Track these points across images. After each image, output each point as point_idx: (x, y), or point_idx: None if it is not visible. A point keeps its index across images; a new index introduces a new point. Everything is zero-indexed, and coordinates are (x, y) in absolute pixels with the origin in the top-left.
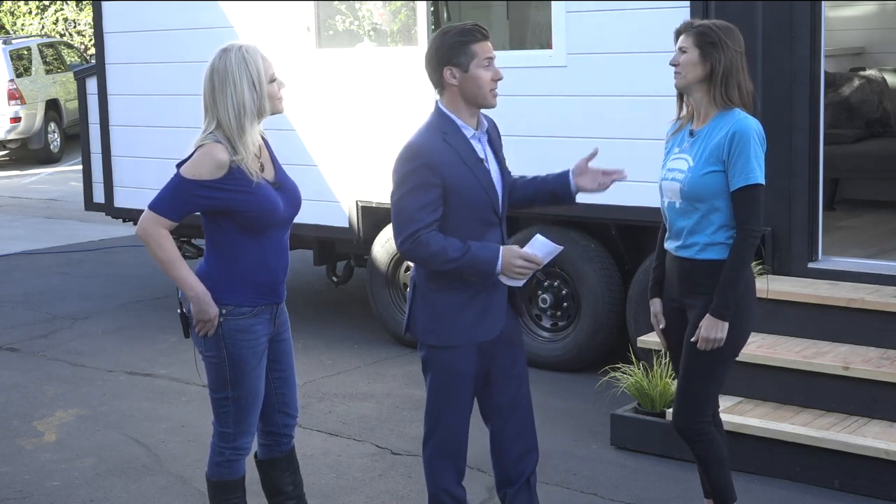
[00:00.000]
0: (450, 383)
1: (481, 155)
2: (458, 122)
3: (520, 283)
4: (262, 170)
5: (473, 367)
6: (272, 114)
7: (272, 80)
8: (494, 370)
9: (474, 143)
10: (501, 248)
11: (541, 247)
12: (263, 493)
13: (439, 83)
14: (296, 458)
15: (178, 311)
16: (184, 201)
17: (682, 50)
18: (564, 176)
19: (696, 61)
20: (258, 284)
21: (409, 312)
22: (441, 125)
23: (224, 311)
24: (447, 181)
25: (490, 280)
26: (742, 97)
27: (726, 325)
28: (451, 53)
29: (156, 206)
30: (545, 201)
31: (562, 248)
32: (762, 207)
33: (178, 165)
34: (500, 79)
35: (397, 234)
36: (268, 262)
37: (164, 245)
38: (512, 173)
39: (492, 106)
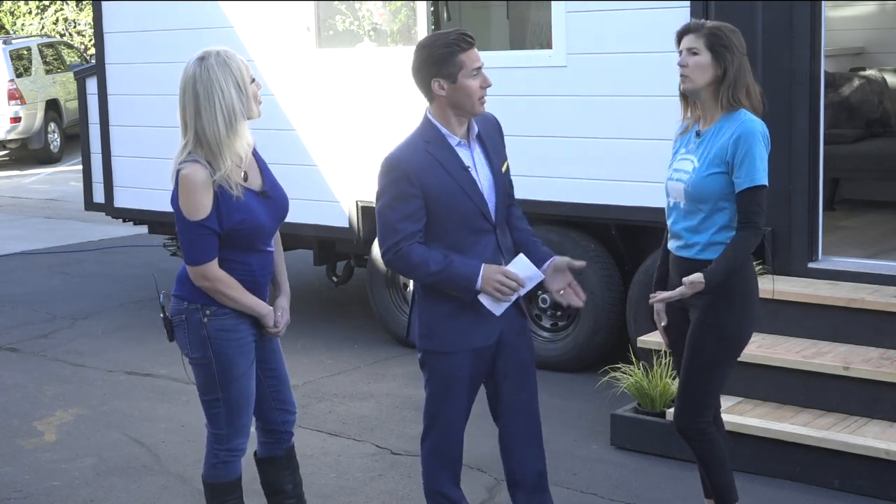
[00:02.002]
0: (445, 387)
1: (467, 163)
2: (444, 130)
3: (499, 310)
4: (246, 179)
5: (468, 371)
6: (250, 118)
7: (252, 81)
8: (497, 374)
9: (460, 150)
10: (483, 264)
11: (523, 268)
12: (263, 492)
13: (428, 94)
14: (295, 457)
15: (161, 315)
16: (206, 238)
17: (692, 51)
18: (544, 259)
19: (709, 64)
20: None
21: (409, 317)
22: (424, 134)
23: (208, 312)
24: (427, 190)
25: (470, 296)
26: (751, 100)
27: (701, 287)
28: (438, 65)
29: (190, 259)
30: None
31: (542, 276)
32: (765, 208)
33: (173, 202)
34: (488, 86)
35: (381, 244)
36: (253, 272)
37: (228, 282)
38: (513, 198)
39: (479, 114)
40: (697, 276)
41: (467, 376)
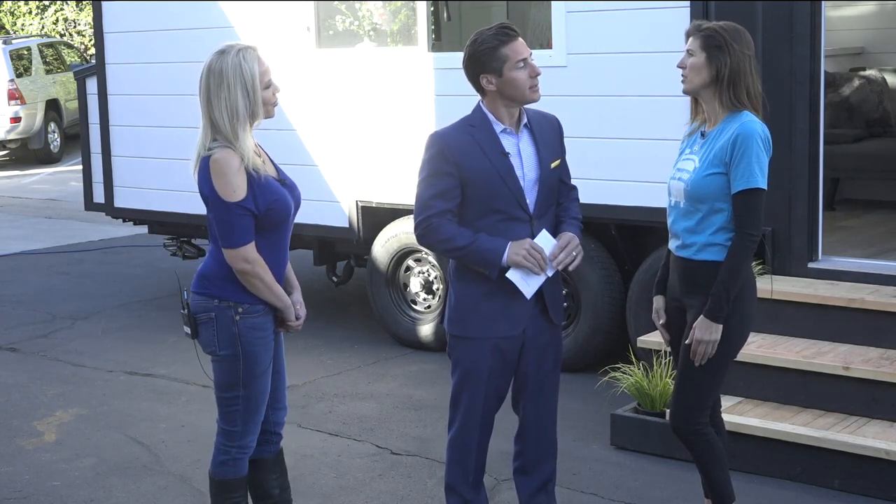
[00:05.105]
0: (465, 376)
1: (508, 149)
2: (491, 117)
3: (529, 289)
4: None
5: (488, 362)
6: (265, 118)
7: (267, 87)
8: (519, 376)
9: (504, 137)
10: (510, 241)
11: (545, 242)
12: (250, 494)
13: (479, 89)
14: (283, 461)
15: (184, 311)
16: (245, 219)
17: (689, 53)
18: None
19: (702, 65)
20: None
21: (443, 306)
22: (471, 119)
23: (240, 310)
24: (462, 170)
25: (495, 272)
26: (752, 101)
27: (720, 327)
28: (483, 61)
29: (230, 241)
30: None
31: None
32: (762, 212)
33: (205, 188)
34: (537, 75)
35: (414, 218)
36: (278, 264)
37: (265, 266)
38: (570, 184)
39: (534, 101)
40: (706, 324)
41: (486, 368)
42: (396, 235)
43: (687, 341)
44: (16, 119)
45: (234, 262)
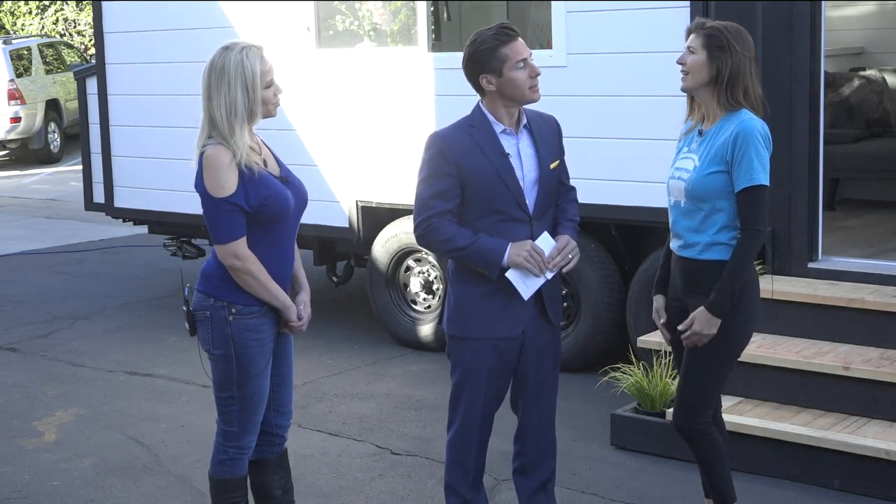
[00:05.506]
0: (465, 377)
1: (508, 150)
2: (491, 117)
3: (528, 291)
4: (266, 165)
5: (487, 363)
6: (265, 117)
7: (268, 86)
8: (518, 377)
9: (504, 138)
10: (511, 242)
11: (546, 244)
12: (253, 496)
13: (478, 89)
14: (287, 462)
15: (185, 308)
16: (233, 214)
17: (690, 50)
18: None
19: (704, 63)
20: None
21: (442, 306)
22: (471, 119)
23: (234, 311)
24: (462, 171)
25: (495, 272)
26: (749, 101)
27: (719, 321)
28: (483, 61)
29: (218, 237)
30: None
31: (546, 279)
32: (766, 208)
33: (198, 185)
34: (537, 75)
35: (414, 219)
36: (280, 263)
37: (258, 263)
38: (568, 185)
39: (534, 101)
40: (706, 317)
41: (486, 369)
42: (396, 235)
43: (682, 327)
44: (16, 119)
45: (225, 258)
